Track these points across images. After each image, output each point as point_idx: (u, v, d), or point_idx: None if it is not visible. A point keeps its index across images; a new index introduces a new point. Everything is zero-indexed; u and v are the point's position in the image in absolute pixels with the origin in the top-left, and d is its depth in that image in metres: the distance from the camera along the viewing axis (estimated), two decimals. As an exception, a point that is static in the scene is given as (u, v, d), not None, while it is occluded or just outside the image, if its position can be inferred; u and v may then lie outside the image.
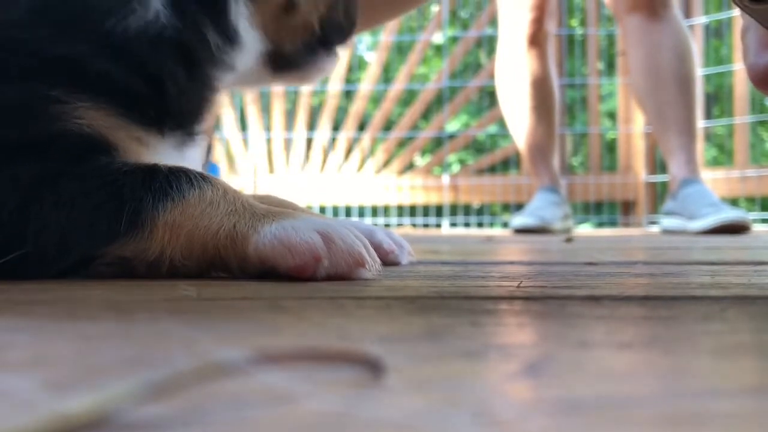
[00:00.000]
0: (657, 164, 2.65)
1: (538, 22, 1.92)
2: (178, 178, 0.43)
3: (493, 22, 2.96)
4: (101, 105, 0.46)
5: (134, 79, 0.47)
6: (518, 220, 1.90)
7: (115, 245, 0.42)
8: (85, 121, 0.45)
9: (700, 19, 2.60)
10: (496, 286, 0.42)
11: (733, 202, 2.20)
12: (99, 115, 0.45)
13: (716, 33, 2.84)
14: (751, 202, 2.48)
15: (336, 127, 2.95)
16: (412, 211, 2.96)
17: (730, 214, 1.56)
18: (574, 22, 3.57)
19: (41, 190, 0.42)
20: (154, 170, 0.43)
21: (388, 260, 0.52)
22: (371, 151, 2.93)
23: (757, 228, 1.93)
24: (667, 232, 1.75)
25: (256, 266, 0.41)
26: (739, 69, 2.36)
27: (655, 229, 1.86)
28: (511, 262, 0.66)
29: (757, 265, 0.59)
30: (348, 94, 3.04)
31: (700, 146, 2.12)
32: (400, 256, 0.53)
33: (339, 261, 0.40)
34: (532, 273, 0.53)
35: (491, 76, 2.93)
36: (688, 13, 2.56)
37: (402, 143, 2.98)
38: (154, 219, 0.41)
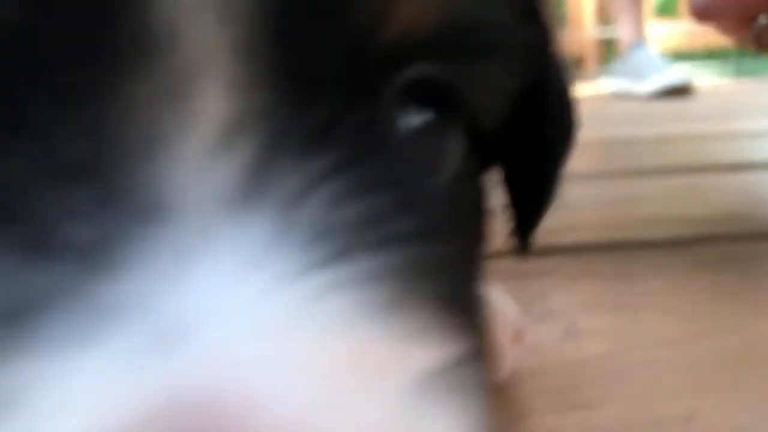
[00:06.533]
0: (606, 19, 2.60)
1: None
2: None
3: None
4: None
5: None
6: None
7: None
8: None
9: None
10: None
11: (681, 56, 2.20)
12: None
13: None
14: (698, 54, 2.49)
15: None
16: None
17: (674, 78, 1.59)
18: None
19: None
20: None
21: None
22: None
23: (704, 81, 1.95)
24: (616, 96, 1.78)
25: None
26: None
27: (604, 87, 1.87)
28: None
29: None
30: None
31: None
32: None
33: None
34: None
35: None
36: None
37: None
38: None
